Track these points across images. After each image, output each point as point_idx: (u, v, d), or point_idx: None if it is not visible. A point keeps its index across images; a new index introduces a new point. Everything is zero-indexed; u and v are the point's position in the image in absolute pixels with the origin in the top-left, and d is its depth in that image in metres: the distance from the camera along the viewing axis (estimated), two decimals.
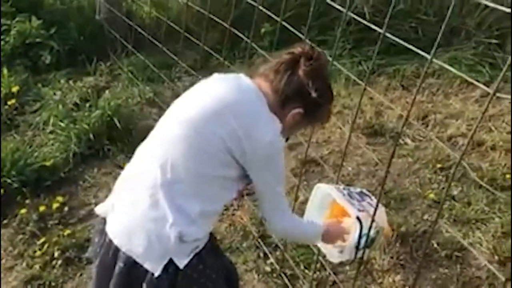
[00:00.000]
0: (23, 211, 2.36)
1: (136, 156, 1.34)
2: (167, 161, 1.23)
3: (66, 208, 2.44)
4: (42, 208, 2.39)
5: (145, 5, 3.82)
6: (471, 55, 3.39)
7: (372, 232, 1.43)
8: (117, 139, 2.79)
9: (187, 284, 1.26)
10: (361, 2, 3.56)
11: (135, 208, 1.25)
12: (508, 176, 2.45)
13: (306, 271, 2.05)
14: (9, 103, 3.09)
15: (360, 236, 1.41)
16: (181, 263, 1.23)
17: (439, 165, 2.57)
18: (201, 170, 1.23)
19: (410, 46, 1.41)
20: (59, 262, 2.15)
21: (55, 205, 2.41)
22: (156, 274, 1.22)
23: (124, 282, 1.26)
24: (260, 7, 2.16)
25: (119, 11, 3.58)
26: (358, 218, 1.38)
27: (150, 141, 1.32)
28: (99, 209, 1.36)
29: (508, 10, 1.10)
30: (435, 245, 2.14)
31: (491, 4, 1.22)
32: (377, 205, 1.40)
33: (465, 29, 3.51)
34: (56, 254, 2.17)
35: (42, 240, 2.25)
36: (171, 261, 1.23)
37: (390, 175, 2.53)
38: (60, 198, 2.46)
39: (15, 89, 3.16)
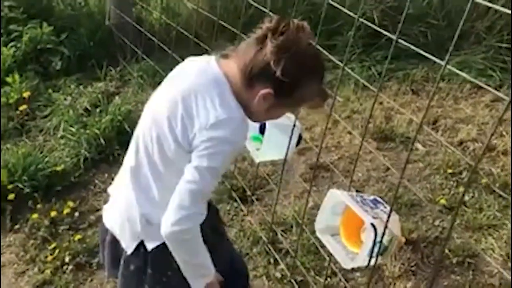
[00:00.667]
0: (34, 216, 2.38)
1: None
2: (138, 147, 1.29)
3: (76, 213, 2.45)
4: (53, 213, 2.40)
5: (155, 10, 3.84)
6: (482, 59, 3.37)
7: (385, 240, 1.42)
8: (127, 144, 2.78)
9: (158, 267, 1.30)
10: (370, 7, 3.56)
11: (120, 191, 1.36)
12: None
13: (317, 277, 2.04)
14: (20, 108, 3.11)
15: (373, 244, 1.40)
16: (149, 245, 1.28)
17: (450, 171, 2.56)
18: (159, 158, 1.23)
19: (423, 52, 1.41)
20: (70, 267, 2.16)
21: (66, 210, 2.42)
22: (129, 252, 1.31)
23: (112, 253, 1.38)
24: (270, 13, 2.16)
25: (129, 17, 3.60)
26: (372, 225, 1.37)
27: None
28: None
29: (509, 11, 1.10)
30: (447, 251, 2.12)
31: (496, 7, 1.21)
32: (390, 213, 1.40)
33: (475, 33, 3.50)
34: (67, 259, 2.18)
35: (53, 245, 2.26)
36: (142, 242, 1.29)
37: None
38: (70, 203, 2.47)
39: (26, 94, 3.18)
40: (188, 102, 1.17)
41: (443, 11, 3.60)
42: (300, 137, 1.94)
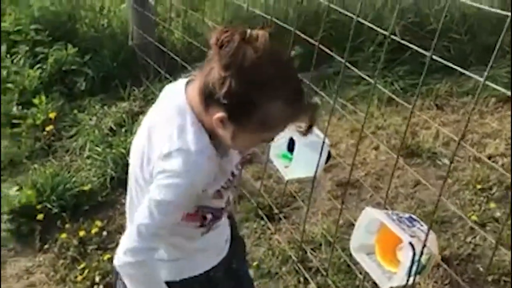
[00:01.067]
0: (63, 236, 2.39)
1: None
2: (130, 179, 1.22)
3: (104, 233, 2.46)
4: (81, 233, 2.41)
5: (177, 30, 3.89)
6: (506, 72, 3.34)
7: (423, 259, 1.40)
8: None
9: None
10: (393, 22, 3.56)
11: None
12: None
13: None
14: (47, 129, 3.16)
15: (412, 263, 1.38)
16: None
17: (479, 186, 2.52)
18: (139, 190, 1.16)
19: (459, 68, 1.40)
20: (101, 287, 2.17)
21: (94, 230, 2.44)
22: None
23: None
24: (294, 30, 2.18)
25: (151, 37, 3.65)
26: (411, 244, 1.35)
27: None
28: None
29: (508, 13, 1.09)
30: (481, 269, 2.08)
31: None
32: (428, 231, 1.38)
33: (499, 47, 3.47)
34: (97, 279, 2.19)
35: (83, 265, 2.27)
36: None
37: (430, 197, 2.49)
38: (98, 223, 2.49)
39: (52, 115, 3.23)
40: (153, 134, 1.11)
41: (465, 25, 3.59)
42: (329, 154, 1.93)
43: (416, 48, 1.58)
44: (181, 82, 1.13)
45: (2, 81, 3.46)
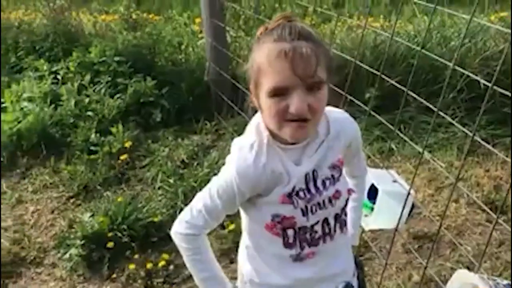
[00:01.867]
0: (131, 266, 2.40)
1: None
2: None
3: (171, 266, 2.44)
4: (149, 265, 2.41)
5: None
6: None
7: None
8: None
9: None
10: (475, 70, 3.42)
11: None
12: None
13: None
14: (121, 157, 3.24)
15: None
16: None
17: None
18: None
19: None
20: None
21: (161, 263, 2.43)
22: None
23: None
24: (369, 68, 2.12)
25: (226, 73, 3.71)
26: None
27: None
28: None
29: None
30: None
31: None
32: None
33: None
34: None
35: None
36: None
37: None
38: (166, 256, 2.48)
39: (127, 144, 3.32)
40: None
41: None
42: (413, 206, 1.83)
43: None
44: None
45: (84, 108, 3.61)
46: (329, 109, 1.17)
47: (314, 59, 1.02)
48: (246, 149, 1.13)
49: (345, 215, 1.21)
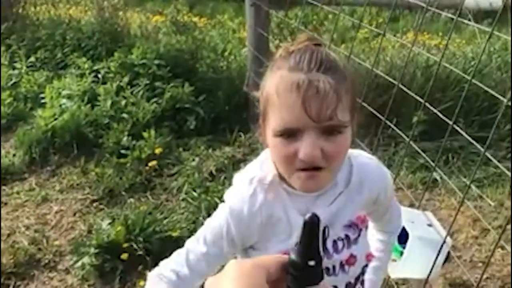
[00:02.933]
0: (142, 283, 2.29)
1: None
2: None
3: None
4: None
5: None
6: None
7: None
8: None
9: None
10: None
11: None
12: None
13: None
14: (150, 164, 3.16)
15: None
16: None
17: None
18: None
19: None
20: None
21: None
22: None
23: None
24: (413, 94, 1.90)
25: None
26: None
27: None
28: None
29: None
30: None
31: None
32: None
33: None
34: None
35: None
36: None
37: None
38: None
39: (158, 150, 3.23)
40: None
41: None
42: (448, 255, 1.61)
43: None
44: None
45: (119, 110, 3.56)
46: (356, 152, 0.99)
47: (333, 97, 0.84)
48: (244, 184, 0.97)
49: (362, 284, 1.00)
